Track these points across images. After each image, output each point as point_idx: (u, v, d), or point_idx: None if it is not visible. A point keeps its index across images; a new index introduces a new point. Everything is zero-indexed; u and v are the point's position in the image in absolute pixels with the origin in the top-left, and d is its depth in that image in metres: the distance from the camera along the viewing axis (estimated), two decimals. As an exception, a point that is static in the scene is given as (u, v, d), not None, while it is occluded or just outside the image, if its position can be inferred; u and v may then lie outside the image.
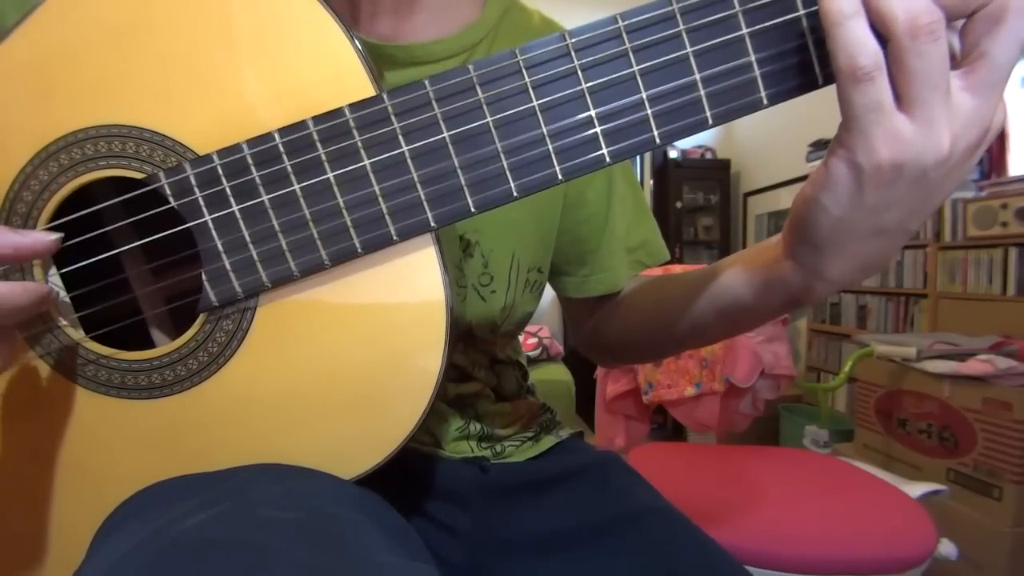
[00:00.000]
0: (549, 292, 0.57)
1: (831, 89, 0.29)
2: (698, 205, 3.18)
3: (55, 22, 0.30)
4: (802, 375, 2.57)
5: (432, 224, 0.30)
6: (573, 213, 0.51)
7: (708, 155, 3.28)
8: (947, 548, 0.83)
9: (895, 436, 1.58)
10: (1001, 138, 1.84)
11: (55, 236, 0.29)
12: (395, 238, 0.30)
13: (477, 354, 0.49)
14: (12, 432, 0.33)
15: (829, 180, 0.27)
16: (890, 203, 0.27)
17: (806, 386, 2.23)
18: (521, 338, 0.57)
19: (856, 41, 0.24)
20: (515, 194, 0.30)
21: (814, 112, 2.74)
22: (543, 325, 2.54)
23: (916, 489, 0.98)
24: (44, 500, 0.33)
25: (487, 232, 0.45)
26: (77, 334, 0.32)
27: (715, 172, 3.24)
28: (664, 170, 3.17)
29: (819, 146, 2.41)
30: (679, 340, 0.46)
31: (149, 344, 0.36)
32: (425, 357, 0.31)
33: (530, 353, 2.31)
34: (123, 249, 0.33)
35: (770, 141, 3.04)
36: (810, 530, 0.84)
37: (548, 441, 0.52)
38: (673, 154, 3.18)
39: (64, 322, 0.32)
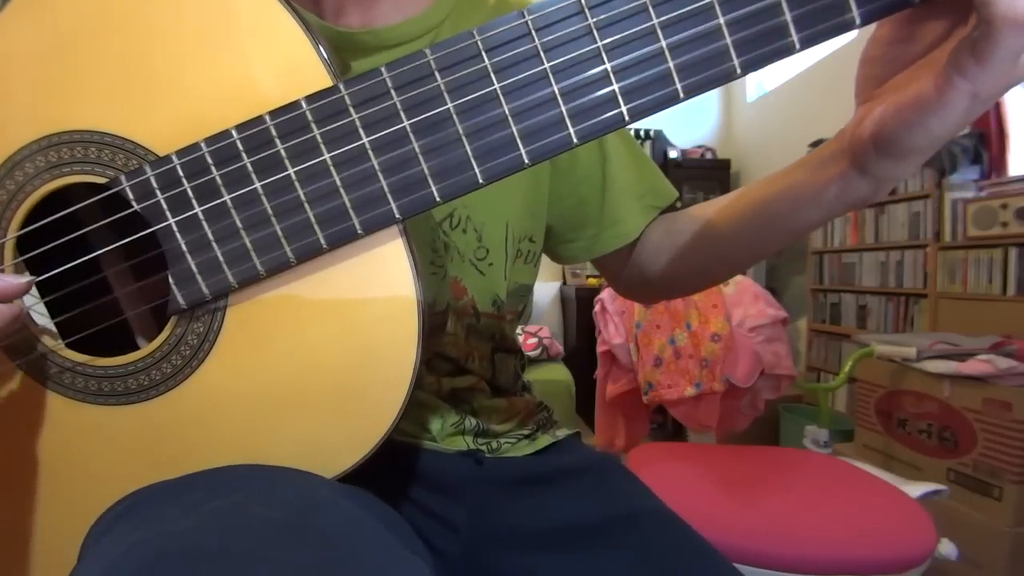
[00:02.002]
0: (549, 293, 0.57)
1: (831, 89, 0.29)
2: (698, 205, 3.17)
3: (12, 30, 0.30)
4: (802, 375, 2.57)
5: (397, 216, 0.30)
6: (569, 177, 0.51)
7: (708, 155, 3.28)
8: (947, 548, 0.83)
9: (895, 436, 1.58)
10: (1001, 138, 1.84)
11: (25, 280, 0.29)
12: (360, 232, 0.30)
13: (481, 341, 0.49)
14: (-3, 441, 0.33)
15: (944, 107, 0.27)
16: (983, 110, 0.27)
17: (806, 386, 2.23)
18: (521, 337, 0.57)
19: None
20: (480, 181, 0.29)
21: (814, 112, 2.74)
22: (543, 325, 2.54)
23: (916, 489, 0.98)
24: (27, 509, 0.33)
25: (477, 206, 0.45)
26: (52, 342, 0.32)
27: (715, 172, 3.24)
28: (664, 170, 3.12)
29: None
30: (733, 264, 0.48)
31: (135, 348, 0.36)
32: (399, 351, 0.31)
33: (530, 353, 2.31)
34: (88, 258, 0.32)
35: (770, 141, 3.04)
36: (810, 530, 0.84)
37: (545, 440, 0.51)
38: (673, 154, 3.18)
39: (39, 330, 0.32)
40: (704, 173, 3.23)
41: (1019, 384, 1.27)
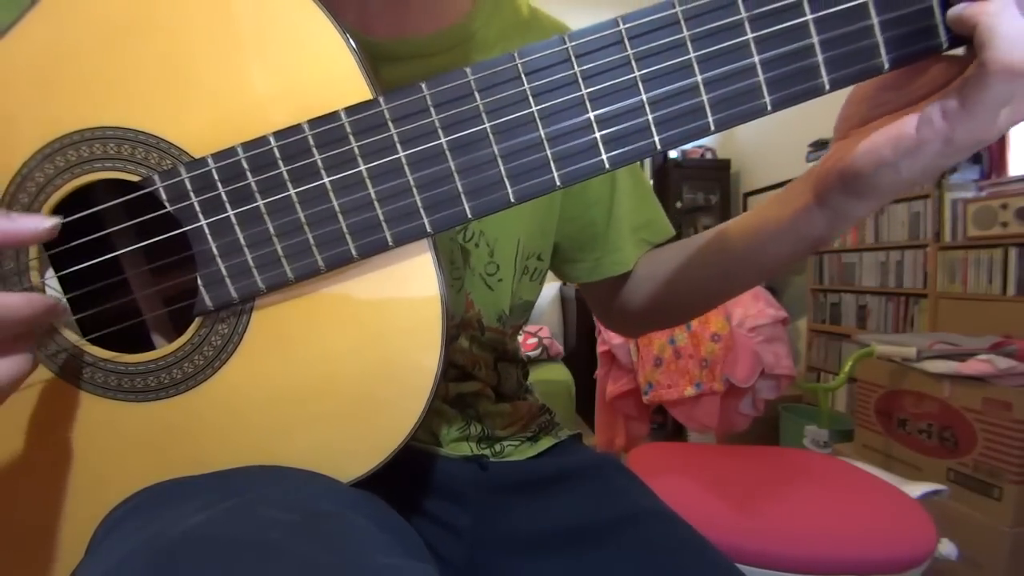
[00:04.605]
0: (548, 293, 0.57)
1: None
2: (698, 205, 3.18)
3: (51, 22, 0.30)
4: (802, 375, 2.57)
5: (428, 230, 0.30)
6: (580, 198, 0.51)
7: (708, 155, 3.28)
8: (947, 548, 0.83)
9: (895, 436, 1.58)
10: (1001, 138, 1.84)
11: (52, 222, 0.27)
12: (391, 244, 0.30)
13: (484, 351, 0.49)
14: (11, 433, 0.33)
15: (918, 147, 0.27)
16: (952, 162, 0.28)
17: (806, 386, 2.23)
18: (521, 338, 0.57)
19: (1021, 34, 0.23)
20: (512, 200, 0.30)
21: (814, 112, 2.73)
22: (543, 325, 2.54)
23: (916, 489, 0.98)
24: (43, 501, 0.33)
25: (491, 221, 0.45)
26: (75, 337, 0.32)
27: (715, 172, 3.24)
28: (664, 170, 3.17)
29: (819, 146, 2.40)
30: (712, 296, 0.49)
31: (150, 346, 0.36)
32: (422, 360, 0.31)
33: (530, 353, 2.31)
34: (117, 253, 0.33)
35: (770, 141, 3.04)
36: (810, 530, 0.84)
37: (547, 442, 0.52)
38: (673, 154, 3.18)
39: (62, 325, 0.32)
40: (704, 173, 3.23)
41: (1019, 384, 1.27)
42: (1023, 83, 0.24)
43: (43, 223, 0.26)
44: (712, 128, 0.29)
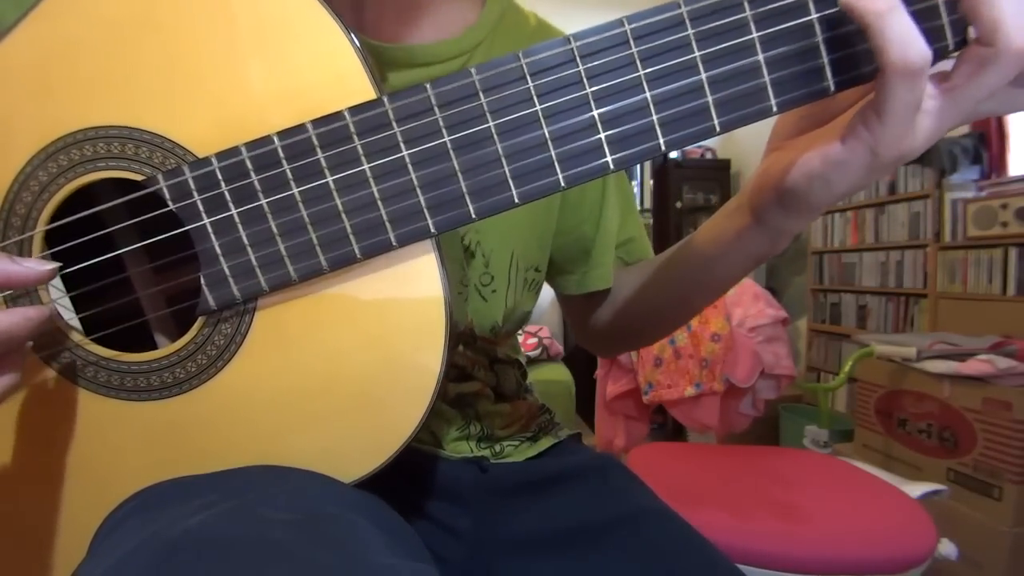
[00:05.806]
0: (549, 293, 0.57)
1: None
2: (698, 205, 3.17)
3: (55, 21, 0.30)
4: (802, 375, 2.57)
5: (432, 231, 0.30)
6: (576, 212, 0.52)
7: (708, 155, 3.28)
8: (947, 548, 0.83)
9: (895, 436, 1.58)
10: (1001, 138, 1.84)
11: (51, 266, 0.28)
12: (395, 244, 0.30)
13: (478, 355, 0.49)
14: (14, 432, 0.33)
15: (846, 159, 0.28)
16: (882, 174, 0.28)
17: (806, 386, 2.23)
18: (521, 338, 0.58)
19: (909, 33, 0.23)
20: (517, 201, 0.29)
21: (814, 112, 2.74)
22: (543, 325, 2.54)
23: (916, 489, 0.99)
24: (45, 500, 0.33)
25: (487, 232, 0.46)
26: (78, 336, 0.32)
27: (715, 172, 3.23)
28: (664, 170, 3.17)
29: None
30: (668, 317, 0.50)
31: (153, 345, 0.36)
32: (425, 361, 0.31)
33: (530, 353, 2.31)
34: (120, 252, 0.32)
35: (770, 141, 3.04)
36: (810, 530, 0.84)
37: (546, 441, 0.52)
38: (673, 154, 3.18)
39: (65, 324, 0.32)
40: (704, 173, 3.22)
41: (1019, 384, 1.27)
42: (921, 84, 0.24)
43: (45, 266, 0.28)
44: (717, 129, 0.28)
